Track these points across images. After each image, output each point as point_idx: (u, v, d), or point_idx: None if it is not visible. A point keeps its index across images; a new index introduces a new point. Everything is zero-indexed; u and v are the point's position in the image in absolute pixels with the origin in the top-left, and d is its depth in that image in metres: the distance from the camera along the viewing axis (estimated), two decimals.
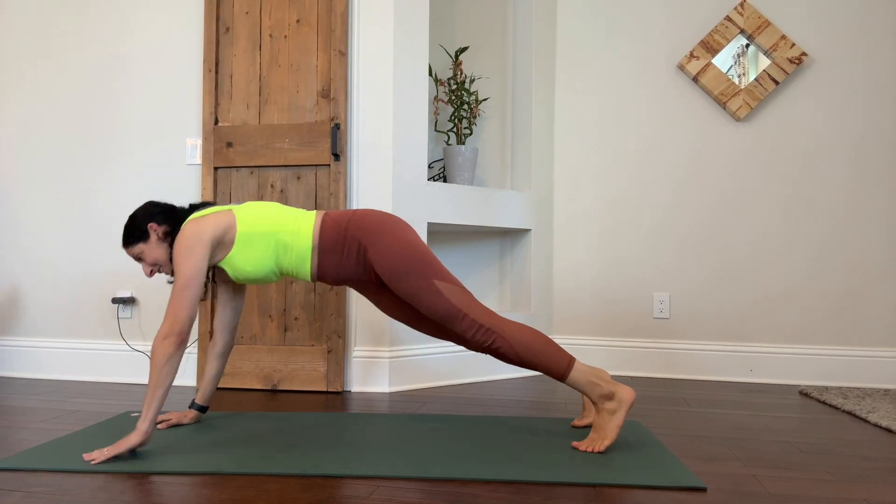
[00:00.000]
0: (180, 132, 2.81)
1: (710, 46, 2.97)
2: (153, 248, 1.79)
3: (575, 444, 1.70)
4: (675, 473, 1.50)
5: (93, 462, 1.55)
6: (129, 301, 2.81)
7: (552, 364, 1.70)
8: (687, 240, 3.01)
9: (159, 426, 1.90)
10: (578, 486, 1.43)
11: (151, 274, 1.82)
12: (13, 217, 2.98)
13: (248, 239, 1.76)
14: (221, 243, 1.76)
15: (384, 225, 1.78)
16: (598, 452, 1.65)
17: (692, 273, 3.00)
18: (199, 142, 2.77)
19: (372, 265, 1.78)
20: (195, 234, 1.70)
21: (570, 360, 1.70)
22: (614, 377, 2.98)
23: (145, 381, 2.77)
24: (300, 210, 1.86)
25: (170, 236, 1.80)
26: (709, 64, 2.97)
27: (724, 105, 2.96)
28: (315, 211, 1.86)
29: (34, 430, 1.92)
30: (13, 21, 3.01)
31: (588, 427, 1.92)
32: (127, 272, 2.84)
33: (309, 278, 1.84)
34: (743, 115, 2.93)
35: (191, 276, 1.65)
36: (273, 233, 1.78)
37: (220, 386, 2.63)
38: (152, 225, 1.79)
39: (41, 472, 1.51)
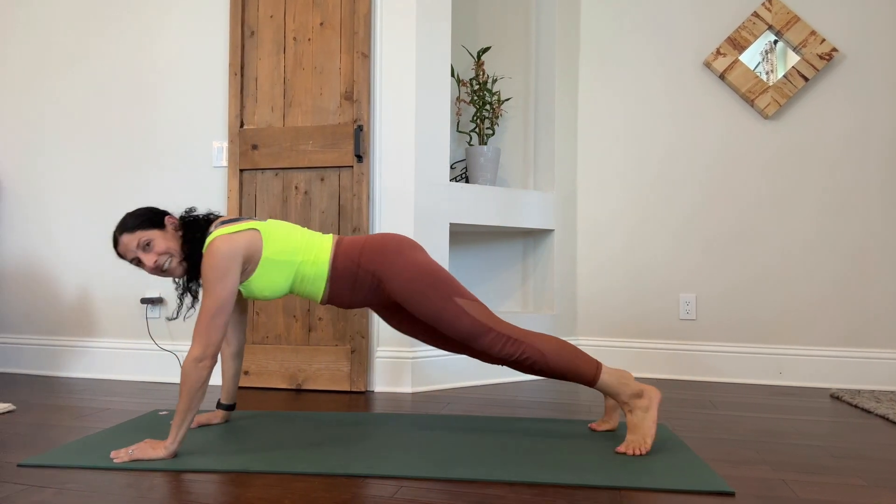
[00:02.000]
0: (207, 135, 2.85)
1: (738, 43, 2.92)
2: (168, 236, 1.71)
3: (618, 449, 1.66)
4: (702, 477, 1.47)
5: (116, 460, 1.57)
6: (157, 301, 2.86)
7: (582, 369, 1.71)
8: (714, 240, 2.97)
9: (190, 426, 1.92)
10: (603, 489, 1.42)
11: (156, 266, 1.69)
12: (48, 219, 3.05)
13: (271, 265, 1.73)
14: (247, 266, 1.72)
15: (400, 251, 1.76)
16: (646, 453, 1.64)
17: (719, 273, 2.95)
18: (226, 144, 2.80)
19: (389, 294, 1.76)
20: (230, 252, 1.64)
21: (598, 364, 1.72)
22: (640, 379, 2.95)
23: (173, 379, 2.81)
24: (317, 235, 1.83)
25: (182, 234, 1.73)
26: (736, 61, 2.92)
27: (751, 103, 2.91)
28: (330, 236, 1.84)
29: (65, 427, 1.97)
30: (46, 28, 3.08)
31: (608, 431, 1.90)
32: None
33: (319, 302, 1.84)
34: (771, 112, 2.88)
35: (225, 300, 1.62)
36: (294, 262, 1.75)
37: (245, 385, 2.67)
38: (169, 217, 1.75)
39: (72, 468, 1.55)
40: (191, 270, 1.74)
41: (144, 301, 2.85)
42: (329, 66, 2.67)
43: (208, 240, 1.68)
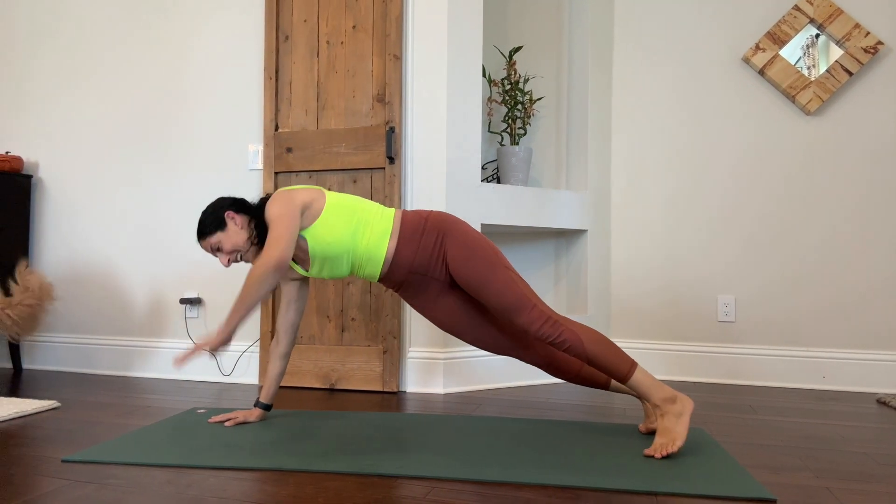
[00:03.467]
0: (243, 138, 2.90)
1: (777, 38, 2.84)
2: (231, 235, 1.85)
3: (646, 451, 1.63)
4: (741, 483, 1.43)
5: (176, 362, 1.71)
6: (195, 301, 2.93)
7: (617, 362, 1.72)
8: (754, 240, 2.89)
9: (226, 424, 1.96)
10: (638, 494, 1.39)
11: (229, 263, 1.86)
12: (89, 222, 3.15)
13: (334, 209, 1.84)
14: (309, 210, 1.82)
15: (459, 221, 1.90)
16: (672, 453, 1.61)
17: (760, 274, 2.88)
18: (261, 147, 2.85)
19: (446, 254, 1.83)
20: (287, 196, 1.80)
21: (633, 362, 1.73)
22: (677, 382, 2.89)
23: (212, 378, 2.87)
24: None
25: (249, 223, 1.88)
26: (776, 56, 2.84)
27: (793, 98, 2.83)
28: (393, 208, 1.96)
29: (107, 424, 2.03)
30: (88, 37, 3.18)
31: (654, 433, 1.86)
32: (194, 273, 2.96)
33: (379, 267, 1.86)
34: (814, 108, 2.79)
35: (284, 233, 1.74)
36: (357, 209, 1.86)
37: (280, 384, 2.71)
38: (229, 213, 1.86)
39: (114, 464, 1.59)
40: (261, 244, 1.88)
41: (183, 301, 2.92)
42: (361, 69, 2.69)
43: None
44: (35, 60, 3.29)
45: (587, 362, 1.75)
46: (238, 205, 1.89)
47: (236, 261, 1.89)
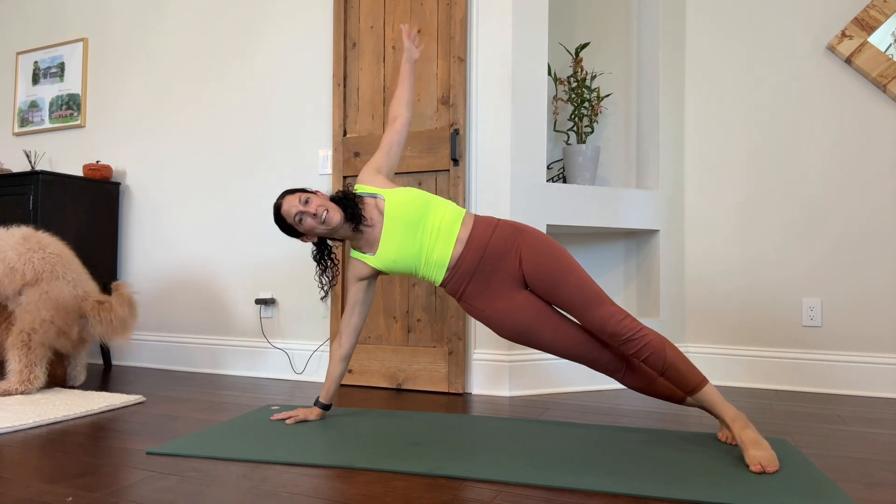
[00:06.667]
0: (313, 144, 2.98)
1: (866, 24, 2.66)
2: (322, 197, 1.94)
3: (754, 468, 1.52)
4: (829, 498, 1.34)
5: (287, 421, 1.99)
6: (270, 302, 3.03)
7: (692, 372, 1.71)
8: (842, 240, 2.71)
9: (287, 422, 2.01)
10: None
11: (317, 214, 1.87)
12: (172, 225, 3.32)
13: (405, 192, 1.96)
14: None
15: (532, 227, 1.95)
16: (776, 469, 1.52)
17: (849, 276, 2.70)
18: (330, 153, 2.92)
19: (521, 251, 1.86)
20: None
21: (705, 377, 1.74)
22: (758, 390, 2.75)
23: (285, 376, 2.96)
24: None
25: (331, 196, 1.98)
26: (864, 43, 2.66)
27: (884, 88, 2.64)
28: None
29: (187, 419, 2.12)
30: (170, 57, 3.36)
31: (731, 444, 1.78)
32: (268, 275, 3.06)
33: (451, 251, 1.88)
34: None
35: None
36: (429, 197, 1.97)
37: (349, 383, 2.76)
38: (318, 192, 1.99)
39: (193, 458, 1.66)
40: (348, 216, 1.92)
41: (258, 301, 3.03)
42: (426, 72, 2.70)
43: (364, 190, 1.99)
44: (123, 77, 3.50)
45: (663, 369, 1.69)
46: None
47: (321, 221, 1.88)
